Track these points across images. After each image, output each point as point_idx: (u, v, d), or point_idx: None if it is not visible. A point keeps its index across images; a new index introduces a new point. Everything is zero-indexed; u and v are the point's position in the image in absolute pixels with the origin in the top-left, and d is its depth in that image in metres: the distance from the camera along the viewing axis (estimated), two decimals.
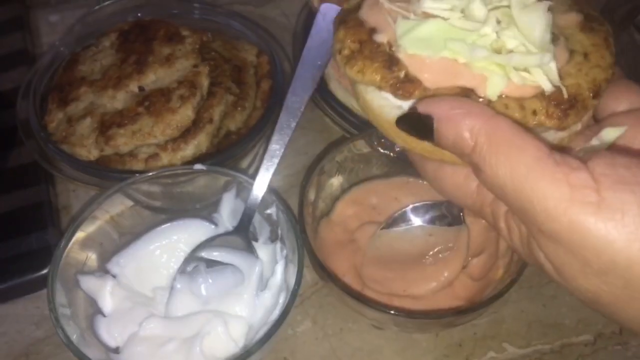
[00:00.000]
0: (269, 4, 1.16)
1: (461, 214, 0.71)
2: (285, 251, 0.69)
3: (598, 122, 0.48)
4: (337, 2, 0.72)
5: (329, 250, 0.74)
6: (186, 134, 0.78)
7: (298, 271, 0.64)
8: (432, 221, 0.72)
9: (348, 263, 0.73)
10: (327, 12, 0.68)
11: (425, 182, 0.78)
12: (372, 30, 0.48)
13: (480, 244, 0.72)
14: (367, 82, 0.47)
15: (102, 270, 0.70)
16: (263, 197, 0.69)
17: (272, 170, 0.69)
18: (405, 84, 0.45)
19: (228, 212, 0.74)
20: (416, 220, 0.73)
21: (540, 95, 0.44)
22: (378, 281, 0.71)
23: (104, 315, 0.68)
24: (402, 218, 0.73)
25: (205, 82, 0.80)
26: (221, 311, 0.67)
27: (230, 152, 0.78)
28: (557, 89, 0.44)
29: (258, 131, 0.81)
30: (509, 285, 0.64)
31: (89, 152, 0.78)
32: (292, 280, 0.64)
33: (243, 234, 0.71)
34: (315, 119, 0.93)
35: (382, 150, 0.78)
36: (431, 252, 0.72)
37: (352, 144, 0.77)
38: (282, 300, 0.67)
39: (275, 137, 0.68)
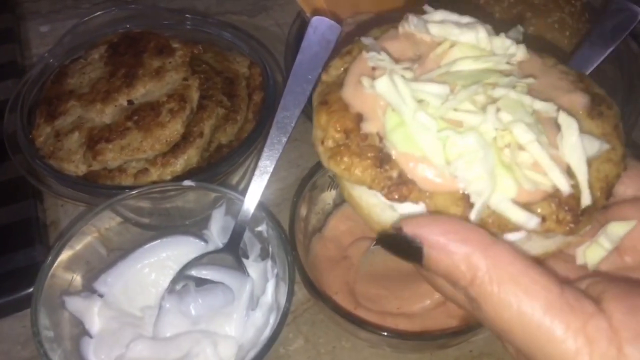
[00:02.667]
0: (262, 14, 1.15)
1: None
2: (276, 269, 0.68)
3: (604, 208, 0.45)
4: (329, 15, 0.71)
5: (322, 266, 0.73)
6: (176, 148, 0.77)
7: (289, 290, 0.63)
8: None
9: (341, 280, 0.72)
10: (318, 26, 0.67)
11: None
12: (359, 117, 0.43)
13: None
14: (356, 181, 0.42)
15: (89, 289, 0.69)
16: (253, 214, 0.68)
17: (262, 187, 0.68)
18: (399, 187, 0.41)
19: (218, 229, 0.72)
20: None
21: (550, 198, 0.40)
22: (371, 299, 0.70)
23: (91, 337, 0.66)
24: None
25: (195, 96, 0.79)
26: (211, 331, 0.66)
27: (221, 166, 0.76)
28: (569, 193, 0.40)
29: (249, 145, 0.79)
30: None
31: (76, 167, 0.76)
32: (283, 299, 0.63)
33: (233, 252, 0.70)
34: (308, 131, 0.90)
35: None
36: None
37: None
38: (273, 319, 0.65)
39: (265, 153, 0.67)
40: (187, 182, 0.70)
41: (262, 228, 0.69)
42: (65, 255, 0.66)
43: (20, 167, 0.77)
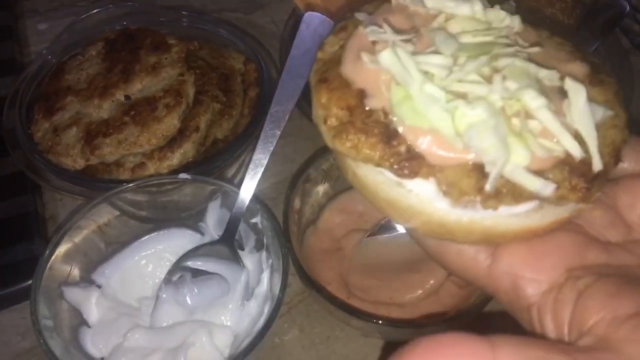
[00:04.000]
0: (258, 11, 1.16)
1: None
2: (270, 260, 0.69)
3: (611, 181, 0.44)
4: (322, 11, 0.72)
5: (315, 258, 0.74)
6: (172, 142, 0.78)
7: (282, 280, 0.64)
8: None
9: (334, 271, 0.73)
10: (311, 21, 0.69)
11: None
12: (362, 93, 0.41)
13: None
14: (363, 159, 0.41)
15: (87, 280, 0.70)
16: (248, 206, 0.69)
17: (257, 179, 0.69)
18: (408, 162, 0.39)
19: (214, 221, 0.74)
20: (402, 228, 0.73)
21: (561, 165, 0.40)
22: (364, 289, 0.71)
23: (89, 326, 0.67)
24: (388, 225, 0.73)
25: (191, 91, 0.80)
26: (206, 321, 0.67)
27: (217, 161, 0.78)
28: (582, 158, 0.39)
29: (245, 139, 0.80)
30: None
31: (74, 161, 0.78)
32: (277, 289, 0.64)
33: (229, 243, 0.71)
34: (303, 126, 0.92)
35: None
36: (417, 260, 0.72)
37: None
38: (267, 309, 0.66)
39: (259, 147, 0.68)
40: (183, 176, 0.71)
41: (256, 220, 0.70)
42: (63, 247, 0.67)
43: (19, 162, 0.78)
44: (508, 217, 0.41)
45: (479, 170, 0.39)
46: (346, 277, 0.73)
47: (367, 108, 0.41)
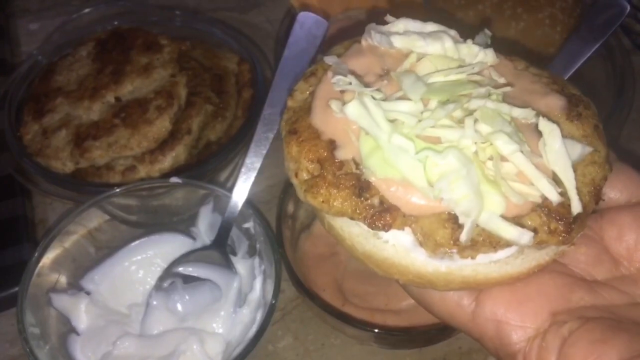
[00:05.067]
0: (254, 10, 1.15)
1: None
2: (263, 266, 0.67)
3: (595, 213, 0.43)
4: (317, 11, 0.71)
5: (310, 263, 0.73)
6: (164, 145, 0.76)
7: (275, 287, 0.62)
8: None
9: (329, 277, 0.72)
10: (305, 21, 0.67)
11: None
12: (332, 144, 0.41)
13: None
14: (336, 213, 0.40)
15: (76, 287, 0.68)
16: (241, 211, 0.68)
17: (249, 184, 0.67)
18: (382, 215, 0.39)
19: (206, 226, 0.72)
20: None
21: (539, 209, 0.39)
22: (359, 295, 0.70)
23: (78, 334, 0.66)
24: None
25: (183, 92, 0.79)
26: (198, 328, 0.66)
27: (210, 163, 0.76)
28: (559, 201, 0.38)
29: (238, 141, 0.79)
30: None
31: (64, 164, 0.76)
32: (270, 296, 0.63)
33: (221, 249, 0.69)
34: None
35: None
36: None
37: None
38: (260, 316, 0.65)
39: (252, 150, 0.67)
40: (174, 179, 0.70)
41: (249, 225, 0.69)
42: (51, 252, 0.66)
43: (8, 166, 0.77)
44: (487, 264, 0.41)
45: (453, 220, 0.39)
46: (341, 283, 0.71)
47: (337, 160, 0.40)
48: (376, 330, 0.60)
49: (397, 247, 0.41)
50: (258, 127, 0.66)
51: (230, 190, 0.68)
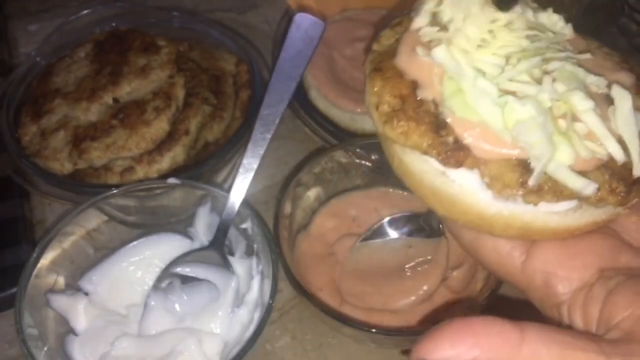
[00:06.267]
0: (251, 11, 1.15)
1: (440, 225, 0.70)
2: (261, 266, 0.67)
3: None
4: (313, 13, 0.71)
5: (307, 263, 0.73)
6: (162, 146, 0.77)
7: (272, 287, 0.63)
8: (411, 233, 0.71)
9: (326, 277, 0.72)
10: (301, 23, 0.67)
11: (406, 193, 0.77)
12: (414, 84, 0.43)
13: (459, 256, 0.71)
14: (412, 146, 0.42)
15: (74, 287, 0.69)
16: (238, 211, 0.68)
17: (247, 184, 0.68)
18: (455, 152, 0.41)
19: (203, 226, 0.72)
20: (395, 232, 0.71)
21: (603, 167, 0.40)
22: (356, 295, 0.70)
23: (76, 335, 0.66)
24: (380, 230, 0.72)
25: (180, 93, 0.79)
26: (196, 329, 0.66)
27: (208, 164, 0.76)
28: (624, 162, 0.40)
29: (236, 142, 0.79)
30: (488, 297, 0.63)
31: (62, 165, 0.76)
32: (267, 296, 0.63)
33: (218, 249, 0.70)
34: (297, 128, 0.91)
35: (360, 161, 0.77)
36: (410, 265, 0.71)
37: (330, 155, 0.75)
38: (257, 316, 0.65)
39: (249, 151, 0.67)
40: (172, 180, 0.70)
41: (246, 225, 0.69)
42: (49, 253, 0.66)
43: (6, 166, 0.77)
44: (547, 214, 0.42)
45: (522, 166, 0.40)
46: (339, 283, 0.71)
47: (418, 98, 0.43)
48: (373, 330, 0.60)
49: (464, 187, 0.42)
50: (255, 128, 0.67)
51: (228, 191, 0.68)
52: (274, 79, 0.66)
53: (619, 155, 0.40)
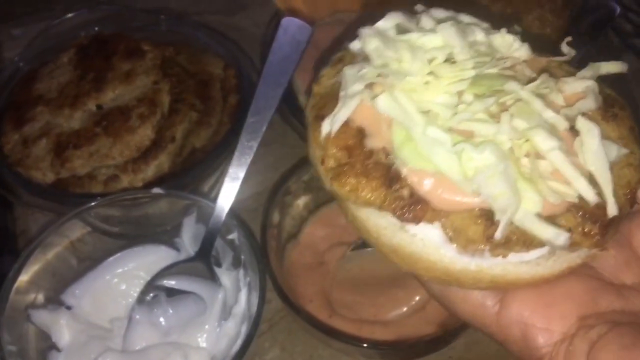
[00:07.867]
0: (240, 13, 1.13)
1: None
2: (248, 278, 0.66)
3: (624, 216, 0.42)
4: (303, 16, 0.69)
5: (297, 273, 0.71)
6: (147, 154, 0.75)
7: (259, 299, 0.61)
8: None
9: (317, 287, 0.70)
10: (288, 27, 0.65)
11: None
12: (361, 132, 0.40)
13: None
14: (364, 203, 0.39)
15: (56, 301, 0.67)
16: (225, 222, 0.66)
17: (233, 194, 0.66)
18: (412, 207, 0.37)
19: (189, 237, 0.70)
20: None
21: (574, 209, 0.38)
22: (348, 306, 0.68)
23: (59, 350, 0.64)
24: None
25: (165, 100, 0.77)
26: (182, 343, 0.64)
27: (195, 172, 0.75)
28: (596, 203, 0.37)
29: (224, 148, 0.77)
30: None
31: (44, 175, 0.74)
32: (255, 308, 0.61)
33: (205, 260, 0.68)
34: (285, 133, 0.89)
35: None
36: (403, 275, 0.69)
37: None
38: (245, 329, 0.63)
39: (235, 160, 0.65)
40: (156, 190, 0.68)
41: (233, 236, 0.67)
42: (31, 266, 0.64)
43: None
44: (518, 264, 0.40)
45: (486, 217, 0.37)
46: (329, 293, 0.70)
47: (367, 148, 0.39)
48: (364, 345, 0.59)
49: (426, 242, 0.40)
50: (242, 136, 0.65)
51: (214, 200, 0.67)
52: (260, 86, 0.65)
53: (590, 197, 0.37)
